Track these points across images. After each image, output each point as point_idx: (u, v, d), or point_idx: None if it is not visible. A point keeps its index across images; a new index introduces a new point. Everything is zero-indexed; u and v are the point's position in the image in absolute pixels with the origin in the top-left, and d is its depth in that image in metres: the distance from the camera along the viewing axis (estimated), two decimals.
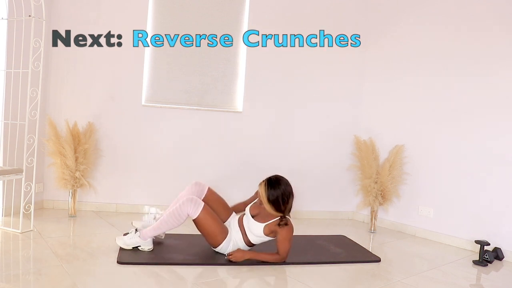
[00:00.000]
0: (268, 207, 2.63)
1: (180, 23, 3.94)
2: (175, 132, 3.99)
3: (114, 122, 3.88)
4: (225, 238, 2.69)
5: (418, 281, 2.58)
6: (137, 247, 2.70)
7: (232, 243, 2.72)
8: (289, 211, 2.67)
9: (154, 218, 2.94)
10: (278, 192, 2.60)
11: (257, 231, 2.68)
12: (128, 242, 2.70)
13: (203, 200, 2.76)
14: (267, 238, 2.71)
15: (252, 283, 2.44)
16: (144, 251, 2.69)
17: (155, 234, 2.73)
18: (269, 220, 2.66)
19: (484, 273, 2.87)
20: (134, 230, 2.73)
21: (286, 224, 2.62)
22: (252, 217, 2.74)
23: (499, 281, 2.73)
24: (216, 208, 2.84)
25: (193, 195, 2.80)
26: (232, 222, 2.84)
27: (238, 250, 2.67)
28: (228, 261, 2.62)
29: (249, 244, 2.74)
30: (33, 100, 3.06)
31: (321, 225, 3.97)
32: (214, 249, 2.75)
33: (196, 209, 2.61)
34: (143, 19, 3.87)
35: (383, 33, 4.13)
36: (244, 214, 2.83)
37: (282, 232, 2.63)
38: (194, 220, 2.65)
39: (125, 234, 2.78)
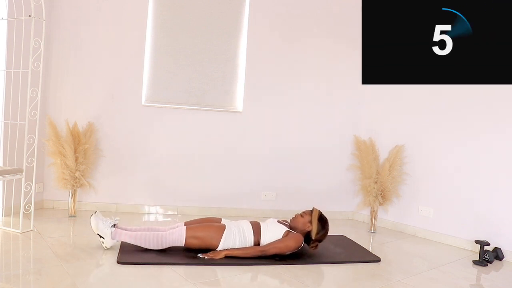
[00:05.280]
0: (314, 226, 2.82)
1: (180, 23, 3.94)
2: (175, 132, 3.99)
3: (114, 122, 3.88)
4: (222, 235, 2.69)
5: (418, 281, 2.58)
6: (100, 236, 2.67)
7: (239, 237, 2.72)
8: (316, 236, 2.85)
9: (114, 226, 2.73)
10: (326, 227, 2.89)
11: (277, 232, 2.77)
12: (100, 228, 2.66)
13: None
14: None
15: (252, 283, 2.44)
16: (103, 244, 2.67)
17: (128, 242, 2.69)
18: (292, 230, 2.84)
19: (484, 273, 2.87)
20: (113, 224, 2.69)
21: (316, 246, 2.85)
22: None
23: (499, 281, 2.73)
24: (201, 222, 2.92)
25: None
26: (239, 221, 2.87)
27: (214, 251, 2.70)
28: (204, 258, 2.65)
29: (257, 244, 2.77)
30: (33, 100, 3.06)
31: None
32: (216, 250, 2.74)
33: (180, 236, 2.66)
34: (143, 19, 3.87)
35: None
36: (254, 220, 2.91)
37: (291, 238, 2.73)
38: (185, 245, 2.68)
39: (102, 216, 2.72)
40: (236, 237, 2.71)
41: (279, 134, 4.17)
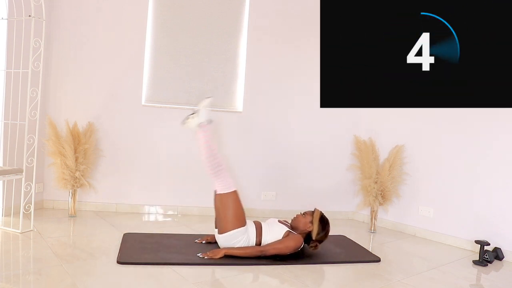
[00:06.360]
0: (315, 227, 2.82)
1: (180, 23, 3.94)
2: (175, 132, 3.99)
3: (114, 122, 3.88)
4: (238, 227, 2.70)
5: (418, 281, 2.58)
6: (193, 113, 2.87)
7: (245, 238, 2.74)
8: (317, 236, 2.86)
9: (210, 122, 2.93)
10: (327, 228, 2.90)
11: (278, 233, 2.78)
12: (203, 111, 2.86)
13: None
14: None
15: (252, 283, 2.44)
16: (188, 119, 2.86)
17: (200, 140, 2.82)
18: (292, 230, 2.84)
19: (484, 273, 2.87)
20: (210, 121, 2.90)
21: (316, 246, 2.85)
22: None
23: (499, 281, 2.73)
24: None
25: None
26: (248, 221, 2.89)
27: (213, 249, 2.72)
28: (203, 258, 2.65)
29: (258, 244, 2.79)
30: (33, 100, 3.06)
31: None
32: (219, 235, 2.74)
33: (227, 187, 2.75)
34: (143, 19, 3.87)
35: None
36: (256, 220, 2.93)
37: (290, 239, 2.74)
38: (216, 195, 2.75)
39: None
40: (243, 236, 2.73)
41: (279, 134, 4.17)
